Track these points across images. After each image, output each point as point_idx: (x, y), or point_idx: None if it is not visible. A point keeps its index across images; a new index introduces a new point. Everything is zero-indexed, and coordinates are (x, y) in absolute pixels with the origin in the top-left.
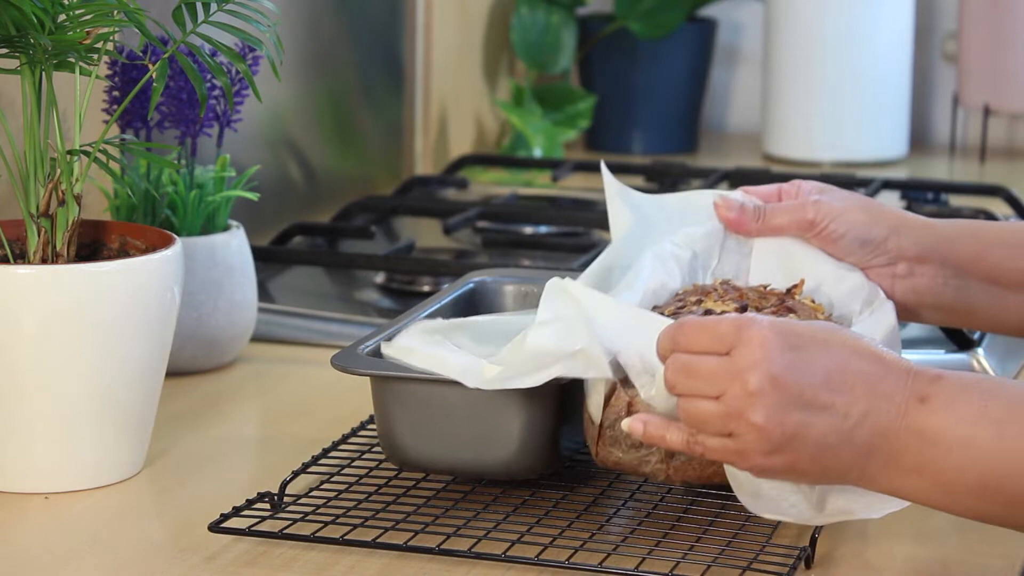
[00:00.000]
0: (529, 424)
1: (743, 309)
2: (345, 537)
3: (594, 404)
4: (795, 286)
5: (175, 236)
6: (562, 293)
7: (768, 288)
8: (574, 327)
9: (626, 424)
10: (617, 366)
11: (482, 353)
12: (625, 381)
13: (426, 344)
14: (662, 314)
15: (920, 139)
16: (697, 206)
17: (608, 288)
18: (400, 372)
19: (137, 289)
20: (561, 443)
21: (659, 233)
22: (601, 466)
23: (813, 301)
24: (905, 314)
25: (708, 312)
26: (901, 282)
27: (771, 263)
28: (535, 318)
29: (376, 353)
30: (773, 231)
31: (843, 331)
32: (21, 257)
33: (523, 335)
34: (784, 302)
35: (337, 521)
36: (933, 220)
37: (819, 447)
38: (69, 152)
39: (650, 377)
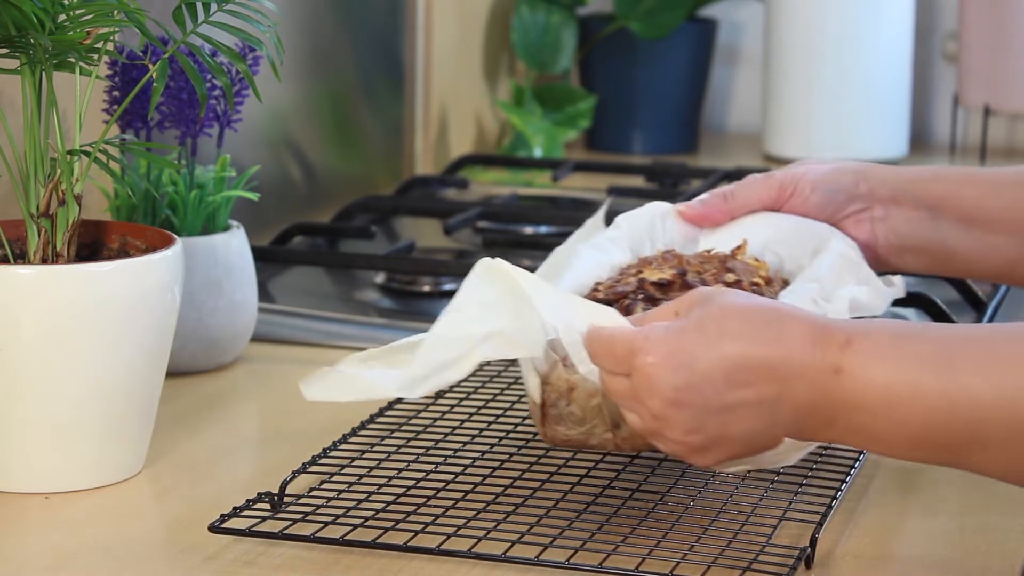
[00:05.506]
0: None
1: (682, 275)
2: (345, 537)
3: (532, 385)
4: (738, 247)
5: (175, 236)
6: (490, 273)
7: (712, 252)
8: (491, 311)
9: None
10: (556, 346)
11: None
12: (566, 360)
13: (352, 367)
14: (597, 288)
15: (920, 139)
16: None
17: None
18: None
19: (137, 289)
20: None
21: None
22: (550, 445)
23: (757, 259)
24: (890, 261)
25: (642, 281)
26: (881, 225)
27: (719, 230)
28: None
29: None
30: (743, 208)
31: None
32: (21, 257)
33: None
34: (725, 263)
35: (337, 521)
36: (897, 166)
37: (747, 435)
38: (69, 152)
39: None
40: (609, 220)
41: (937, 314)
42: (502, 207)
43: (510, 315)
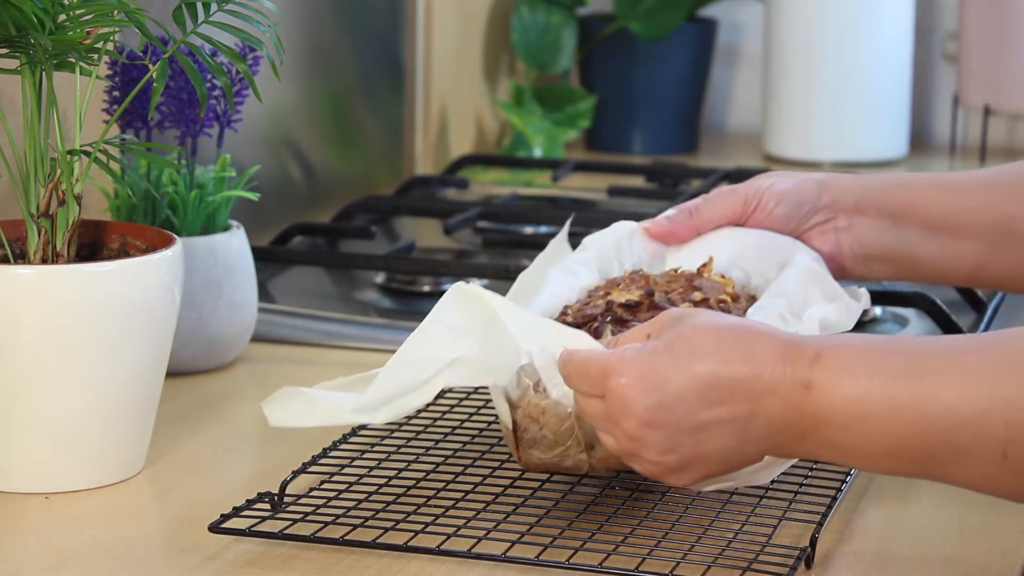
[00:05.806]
0: None
1: (650, 295)
2: (345, 537)
3: (502, 411)
4: (704, 265)
5: (175, 236)
6: (463, 298)
7: (679, 270)
8: (458, 337)
9: None
10: (528, 371)
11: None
12: (537, 385)
13: (317, 390)
14: (566, 312)
15: (920, 139)
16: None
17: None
18: None
19: (137, 289)
20: None
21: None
22: (526, 469)
23: (723, 276)
24: (856, 270)
25: (610, 303)
26: (845, 235)
27: (684, 247)
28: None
29: None
30: (709, 223)
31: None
32: (21, 257)
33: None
34: (692, 281)
35: (337, 521)
36: (860, 174)
37: (722, 453)
38: (69, 152)
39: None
40: (574, 242)
41: (937, 314)
42: (502, 207)
43: (477, 341)
